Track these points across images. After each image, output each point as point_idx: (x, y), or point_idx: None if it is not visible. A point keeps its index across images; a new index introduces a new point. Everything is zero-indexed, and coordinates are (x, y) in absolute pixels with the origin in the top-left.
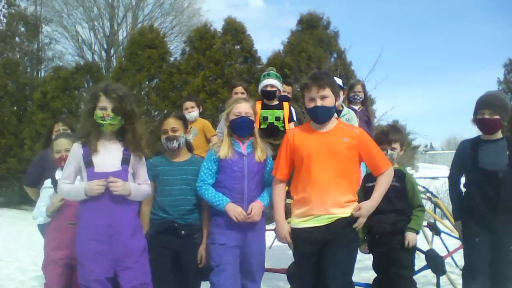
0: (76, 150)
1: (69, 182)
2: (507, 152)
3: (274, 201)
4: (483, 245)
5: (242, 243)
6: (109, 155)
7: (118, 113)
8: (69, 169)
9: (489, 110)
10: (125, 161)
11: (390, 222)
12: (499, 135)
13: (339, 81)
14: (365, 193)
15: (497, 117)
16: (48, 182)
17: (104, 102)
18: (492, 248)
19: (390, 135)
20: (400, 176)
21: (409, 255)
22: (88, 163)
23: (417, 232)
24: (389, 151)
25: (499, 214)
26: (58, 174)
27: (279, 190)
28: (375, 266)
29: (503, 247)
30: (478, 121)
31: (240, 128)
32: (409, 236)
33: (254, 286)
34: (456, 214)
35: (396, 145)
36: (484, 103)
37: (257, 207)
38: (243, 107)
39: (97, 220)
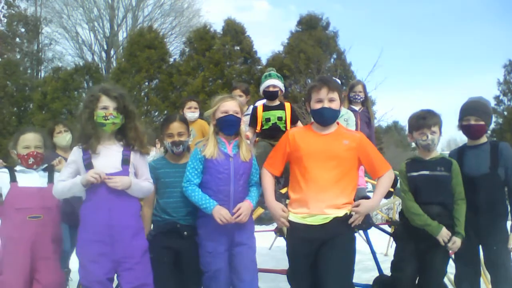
0: (76, 153)
1: None
2: (489, 156)
3: (264, 187)
4: (466, 252)
5: (230, 245)
6: (109, 156)
7: (121, 112)
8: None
9: (474, 116)
10: (126, 161)
11: (436, 213)
12: (483, 140)
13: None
14: (408, 182)
15: (482, 123)
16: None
17: (105, 101)
18: (478, 252)
19: (428, 119)
20: (446, 164)
21: (446, 258)
22: (88, 166)
23: (463, 237)
24: (430, 136)
25: (481, 216)
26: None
27: (268, 176)
28: (402, 257)
29: (488, 249)
30: (464, 127)
31: (227, 127)
32: (457, 243)
33: (245, 286)
34: None
35: (435, 129)
36: (469, 109)
37: (245, 207)
38: (230, 105)
39: (97, 221)
